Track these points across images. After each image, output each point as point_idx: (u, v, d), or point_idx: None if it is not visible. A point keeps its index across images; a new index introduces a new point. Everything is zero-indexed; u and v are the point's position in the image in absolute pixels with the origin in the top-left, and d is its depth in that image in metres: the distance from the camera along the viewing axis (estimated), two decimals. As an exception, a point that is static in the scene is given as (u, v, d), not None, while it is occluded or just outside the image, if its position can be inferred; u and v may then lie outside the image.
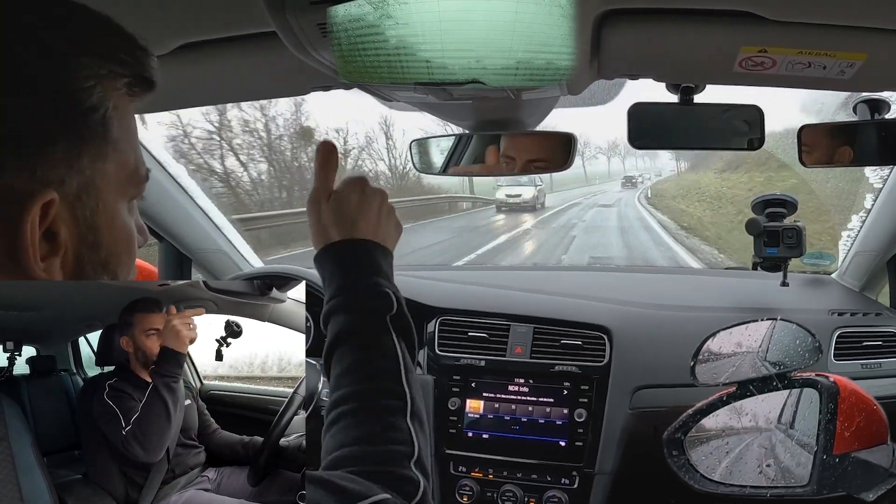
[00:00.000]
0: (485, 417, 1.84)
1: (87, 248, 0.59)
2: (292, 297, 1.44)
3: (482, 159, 1.49)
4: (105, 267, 0.62)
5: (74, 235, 0.58)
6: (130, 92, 0.62)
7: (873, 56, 0.98)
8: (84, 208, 0.58)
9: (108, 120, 0.59)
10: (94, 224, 0.59)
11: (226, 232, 2.15)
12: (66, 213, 0.57)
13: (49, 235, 0.56)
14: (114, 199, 0.61)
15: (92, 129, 0.58)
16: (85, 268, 0.60)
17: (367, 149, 30.43)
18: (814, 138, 1.41)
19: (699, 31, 0.97)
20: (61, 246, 0.57)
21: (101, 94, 0.58)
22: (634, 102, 1.28)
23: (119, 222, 0.63)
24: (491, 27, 0.86)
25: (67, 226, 0.57)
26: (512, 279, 2.26)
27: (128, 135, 0.62)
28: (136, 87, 0.62)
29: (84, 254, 0.59)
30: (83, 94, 0.57)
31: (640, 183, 43.19)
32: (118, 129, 0.60)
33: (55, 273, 0.57)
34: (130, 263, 0.66)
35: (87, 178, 0.58)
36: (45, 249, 0.56)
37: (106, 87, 0.58)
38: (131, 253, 0.65)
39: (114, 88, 0.60)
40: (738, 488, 1.45)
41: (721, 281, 2.33)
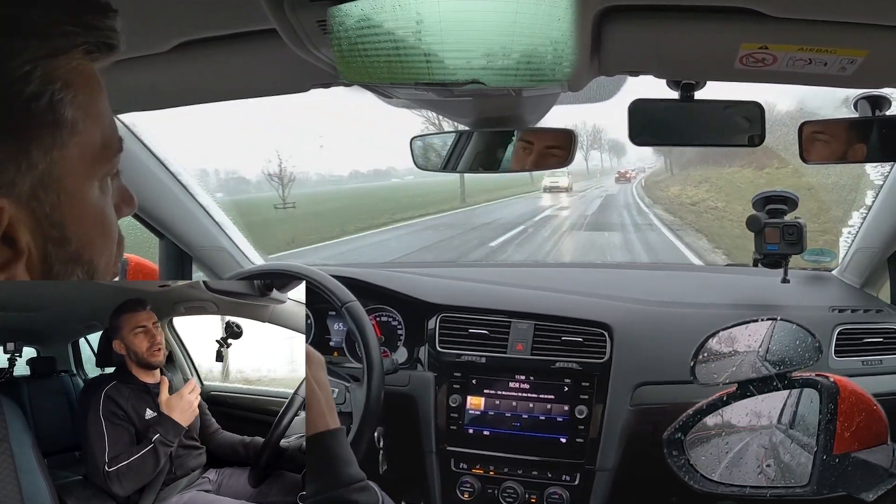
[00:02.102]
0: (486, 414, 1.84)
1: (53, 245, 0.55)
2: (293, 298, 1.44)
3: (486, 157, 1.50)
4: (77, 260, 0.57)
5: (37, 236, 0.54)
6: (89, 58, 0.56)
7: (874, 53, 0.98)
8: (42, 206, 0.53)
9: (57, 103, 0.53)
10: (58, 219, 0.55)
11: (226, 229, 2.15)
12: (22, 215, 0.52)
13: (8, 241, 0.52)
14: (79, 185, 0.56)
15: (38, 118, 0.52)
16: (54, 266, 0.55)
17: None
18: (814, 135, 1.41)
19: (700, 27, 0.97)
20: (23, 250, 0.53)
21: (44, 77, 0.52)
22: (635, 99, 1.28)
23: (88, 209, 0.57)
24: (491, 27, 0.86)
25: (27, 227, 0.53)
26: (512, 276, 2.26)
27: (89, 110, 0.56)
28: (96, 52, 0.57)
29: (51, 252, 0.55)
30: (21, 83, 0.51)
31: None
32: (73, 109, 0.54)
33: (19, 279, 0.53)
34: (108, 246, 0.61)
35: (41, 172, 0.53)
36: (5, 256, 0.52)
37: (49, 66, 0.52)
38: (108, 235, 0.61)
39: (60, 65, 0.53)
40: (738, 488, 1.45)
41: (722, 278, 2.32)
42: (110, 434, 1.04)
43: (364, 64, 0.93)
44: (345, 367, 1.65)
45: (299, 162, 67.17)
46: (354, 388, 1.54)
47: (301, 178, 48.74)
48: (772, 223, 1.90)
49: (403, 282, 2.03)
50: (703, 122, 1.28)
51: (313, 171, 74.79)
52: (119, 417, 1.07)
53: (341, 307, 1.55)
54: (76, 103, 0.54)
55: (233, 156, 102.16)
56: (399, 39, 0.89)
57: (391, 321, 2.01)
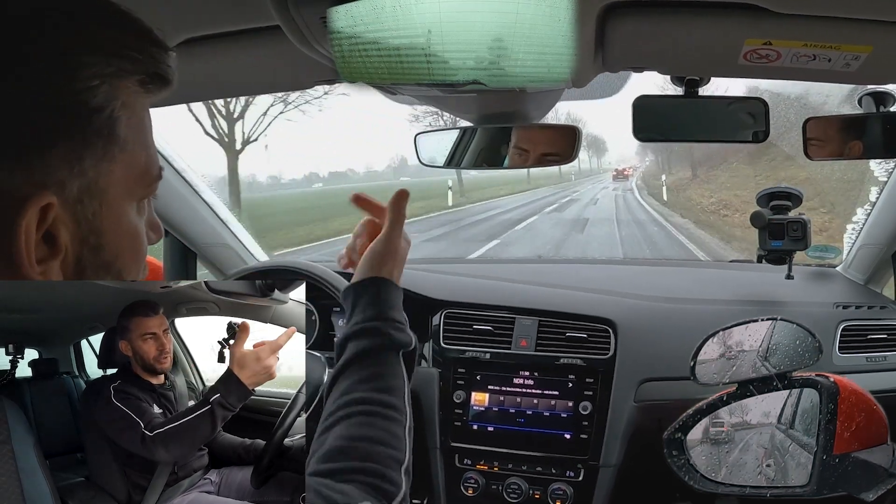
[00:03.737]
0: (490, 410, 1.84)
1: (88, 250, 0.58)
2: (294, 299, 1.44)
3: (490, 153, 1.50)
4: (108, 269, 0.60)
5: (75, 238, 0.57)
6: (144, 89, 0.60)
7: (878, 49, 0.98)
8: (86, 211, 0.57)
9: (114, 120, 0.57)
10: (97, 227, 0.58)
11: (231, 226, 2.15)
12: (66, 215, 0.56)
13: (48, 238, 0.55)
14: (120, 200, 0.60)
15: (96, 129, 0.56)
16: (86, 270, 0.58)
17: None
18: (819, 131, 1.40)
19: (704, 23, 0.97)
20: (61, 249, 0.56)
21: (108, 93, 0.56)
22: (639, 95, 1.28)
23: (125, 224, 0.61)
24: (491, 27, 0.86)
25: (68, 228, 0.56)
26: (516, 272, 2.26)
27: (138, 134, 0.61)
28: (150, 83, 0.61)
29: (86, 256, 0.58)
30: (87, 94, 0.55)
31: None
32: (126, 129, 0.58)
33: (53, 276, 0.56)
34: (137, 265, 0.64)
35: (89, 179, 0.56)
36: (43, 252, 0.55)
37: (113, 85, 0.56)
38: (138, 254, 0.64)
39: (123, 86, 0.58)
40: (738, 488, 1.45)
41: (726, 274, 2.32)
42: (135, 409, 1.03)
43: (364, 64, 0.93)
44: None
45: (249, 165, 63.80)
46: None
47: (248, 182, 46.98)
48: (776, 219, 1.90)
49: (407, 278, 2.01)
50: (708, 118, 1.28)
51: (264, 175, 72.02)
52: (133, 399, 1.05)
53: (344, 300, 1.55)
54: (129, 124, 0.59)
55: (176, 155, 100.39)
56: (399, 40, 0.89)
57: (395, 317, 2.01)
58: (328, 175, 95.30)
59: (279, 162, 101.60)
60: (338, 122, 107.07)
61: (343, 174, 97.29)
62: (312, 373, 1.51)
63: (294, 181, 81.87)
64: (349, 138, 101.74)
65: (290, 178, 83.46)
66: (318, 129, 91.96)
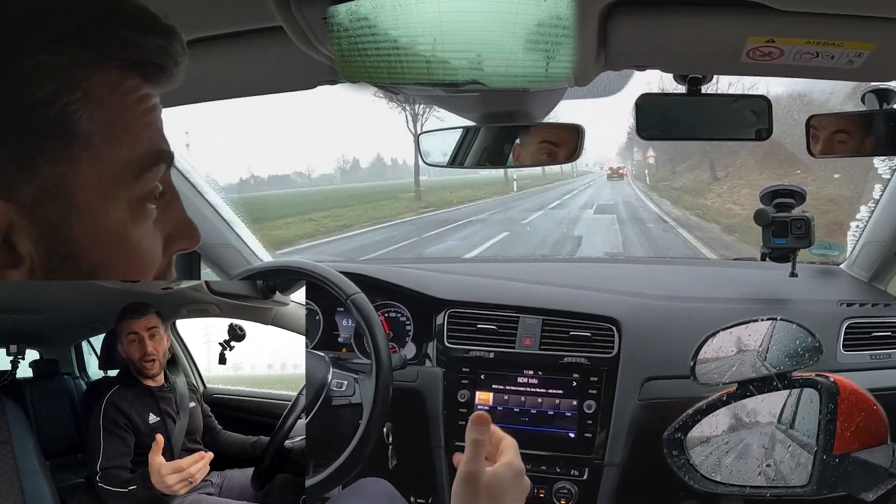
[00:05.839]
0: (494, 409, 1.84)
1: (59, 258, 0.53)
2: (296, 301, 1.44)
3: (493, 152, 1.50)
4: (94, 278, 0.55)
5: (39, 247, 0.52)
6: (129, 78, 0.54)
7: (881, 46, 0.98)
8: (47, 216, 0.51)
9: (70, 114, 0.51)
10: (64, 233, 0.52)
11: (235, 226, 2.16)
12: (23, 222, 0.51)
13: (8, 245, 0.51)
14: (95, 203, 0.53)
15: (45, 126, 0.50)
16: (62, 279, 0.53)
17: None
18: (822, 128, 1.40)
19: (706, 21, 0.97)
20: (22, 256, 0.51)
21: (59, 86, 0.50)
22: (642, 94, 1.28)
23: (105, 229, 0.54)
24: (491, 27, 0.86)
25: (28, 235, 0.51)
26: (520, 271, 2.26)
27: (113, 127, 0.54)
28: (139, 72, 0.55)
29: (56, 265, 0.53)
30: (28, 88, 0.49)
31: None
32: (91, 123, 0.52)
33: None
34: (133, 272, 0.57)
35: (47, 182, 0.51)
36: (3, 259, 0.51)
37: (66, 76, 0.50)
38: (136, 263, 0.57)
39: (83, 77, 0.51)
40: (738, 488, 1.45)
41: (729, 272, 2.32)
42: (106, 444, 1.04)
43: (364, 64, 0.93)
44: (354, 363, 1.65)
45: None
46: (363, 378, 1.55)
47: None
48: (779, 217, 1.90)
49: (412, 277, 2.03)
50: (711, 116, 1.28)
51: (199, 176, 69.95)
52: (119, 426, 1.06)
53: (346, 299, 1.55)
54: (96, 118, 0.52)
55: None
56: (399, 39, 0.89)
57: (399, 317, 2.02)
58: (268, 179, 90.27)
59: (208, 163, 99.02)
60: (275, 120, 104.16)
61: (286, 178, 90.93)
62: (314, 373, 1.51)
63: (229, 185, 79.83)
64: (287, 138, 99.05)
65: (225, 182, 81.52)
66: (252, 129, 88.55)
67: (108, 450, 1.04)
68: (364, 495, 1.54)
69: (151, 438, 1.03)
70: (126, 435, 1.07)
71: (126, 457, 1.06)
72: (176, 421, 1.15)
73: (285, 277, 1.59)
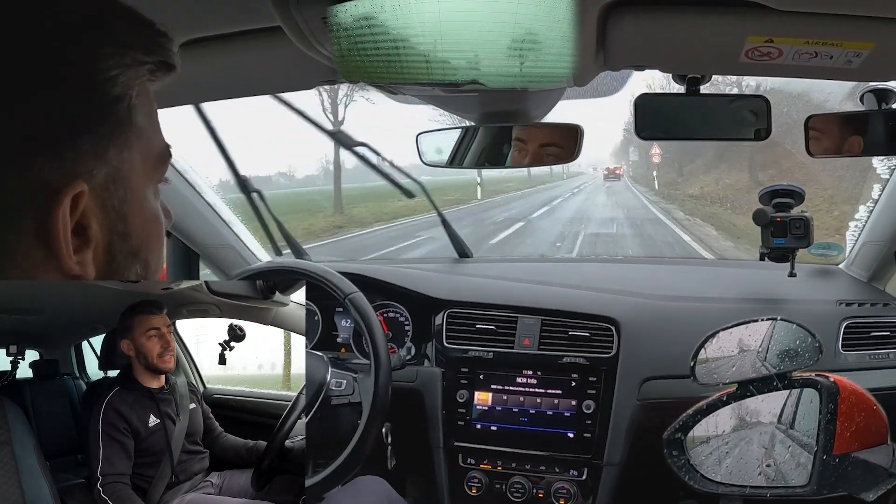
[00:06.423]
0: (493, 409, 1.84)
1: (117, 237, 0.59)
2: (296, 301, 1.44)
3: (492, 152, 1.50)
4: (136, 255, 0.62)
5: (105, 226, 0.58)
6: (152, 77, 0.62)
7: (880, 45, 0.98)
8: (112, 198, 0.58)
9: (132, 108, 0.59)
10: (124, 213, 0.59)
11: (234, 227, 2.16)
12: (95, 204, 0.57)
13: (79, 228, 0.56)
14: (140, 185, 0.62)
15: (118, 118, 0.58)
16: (116, 258, 0.60)
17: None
18: (821, 128, 1.40)
19: (705, 21, 0.97)
20: (92, 238, 0.57)
21: (126, 83, 0.58)
22: (641, 93, 1.28)
23: (147, 209, 0.63)
24: (490, 27, 0.86)
25: (97, 217, 0.57)
26: (519, 271, 2.26)
27: (150, 120, 0.63)
28: (158, 71, 0.63)
29: (115, 244, 0.59)
30: (109, 85, 0.57)
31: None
32: (141, 116, 0.60)
33: (88, 266, 0.57)
34: (160, 249, 0.66)
35: (114, 167, 0.58)
36: (76, 243, 0.56)
37: (129, 75, 0.58)
38: (160, 238, 0.66)
39: (136, 76, 0.60)
40: (738, 488, 1.45)
41: (729, 272, 2.32)
42: (106, 449, 1.04)
43: (363, 63, 0.93)
44: (353, 363, 1.65)
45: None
46: (363, 377, 1.55)
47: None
48: (779, 217, 1.89)
49: (410, 277, 2.03)
50: (709, 116, 1.28)
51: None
52: (118, 430, 1.06)
53: (344, 298, 1.55)
54: (144, 112, 0.61)
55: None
56: (398, 39, 0.89)
57: (398, 317, 2.01)
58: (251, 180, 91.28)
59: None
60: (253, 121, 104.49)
61: (267, 179, 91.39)
62: (314, 373, 1.51)
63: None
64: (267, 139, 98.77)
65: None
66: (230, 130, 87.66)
67: (108, 456, 1.04)
68: (362, 493, 1.55)
69: (152, 442, 1.03)
70: (126, 440, 1.07)
71: (126, 463, 1.06)
72: (176, 423, 1.15)
73: (284, 277, 1.59)
